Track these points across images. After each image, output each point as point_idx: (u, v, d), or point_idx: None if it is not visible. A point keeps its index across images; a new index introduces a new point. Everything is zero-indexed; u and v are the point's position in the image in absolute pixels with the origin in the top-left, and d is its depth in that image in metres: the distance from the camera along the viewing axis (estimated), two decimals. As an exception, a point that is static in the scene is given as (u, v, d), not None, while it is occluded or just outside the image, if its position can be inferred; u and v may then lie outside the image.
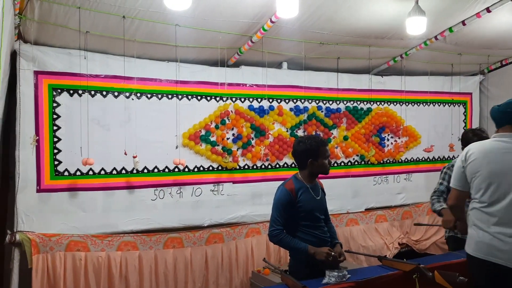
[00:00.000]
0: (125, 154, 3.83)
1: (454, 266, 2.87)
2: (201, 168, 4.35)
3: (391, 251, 4.97)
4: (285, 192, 2.86)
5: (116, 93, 3.97)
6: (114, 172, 3.98)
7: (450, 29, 4.39)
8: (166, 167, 4.19)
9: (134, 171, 4.03)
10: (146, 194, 4.11)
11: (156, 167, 4.15)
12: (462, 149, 3.39)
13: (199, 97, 4.32)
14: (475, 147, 2.60)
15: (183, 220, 4.26)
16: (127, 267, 3.85)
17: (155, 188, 4.14)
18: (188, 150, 4.27)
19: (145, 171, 4.10)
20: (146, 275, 3.92)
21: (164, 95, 4.17)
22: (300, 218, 2.87)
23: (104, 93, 3.93)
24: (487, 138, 3.26)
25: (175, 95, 4.19)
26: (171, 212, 4.21)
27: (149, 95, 4.10)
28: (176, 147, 4.11)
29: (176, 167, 4.20)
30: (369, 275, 2.74)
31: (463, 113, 5.90)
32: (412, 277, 2.71)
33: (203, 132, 4.34)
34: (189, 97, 4.27)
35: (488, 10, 3.97)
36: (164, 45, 3.94)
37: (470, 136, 3.37)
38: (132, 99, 4.02)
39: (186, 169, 4.27)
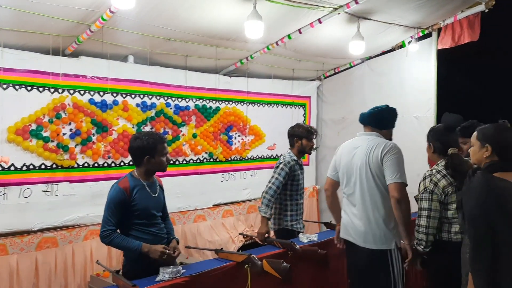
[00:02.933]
0: None
1: (283, 255, 3.11)
2: (31, 167, 3.93)
3: (236, 244, 5.19)
4: (118, 190, 2.73)
5: None
6: None
7: (288, 36, 4.75)
8: (-14, 165, 3.68)
9: None
10: (-41, 197, 3.55)
11: (-28, 165, 3.62)
12: (290, 143, 3.72)
13: (29, 88, 3.88)
14: (344, 143, 3.02)
15: (7, 225, 3.80)
16: None
17: (-30, 190, 3.60)
18: (14, 146, 3.82)
19: (-43, 170, 3.54)
20: (-42, 290, 3.40)
21: (-16, 83, 3.65)
22: (135, 217, 2.77)
23: None
24: (311, 131, 3.69)
25: (-3, 83, 3.70)
26: (-7, 217, 3.72)
27: (-38, 83, 3.55)
28: (-4, 143, 3.64)
29: (-1, 165, 3.72)
30: (204, 268, 2.79)
31: (303, 115, 6.47)
32: (244, 267, 2.86)
33: (33, 127, 3.92)
34: (17, 87, 3.82)
35: (319, 21, 4.38)
36: (-17, 26, 3.46)
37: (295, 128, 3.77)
38: None
39: (12, 168, 3.81)
